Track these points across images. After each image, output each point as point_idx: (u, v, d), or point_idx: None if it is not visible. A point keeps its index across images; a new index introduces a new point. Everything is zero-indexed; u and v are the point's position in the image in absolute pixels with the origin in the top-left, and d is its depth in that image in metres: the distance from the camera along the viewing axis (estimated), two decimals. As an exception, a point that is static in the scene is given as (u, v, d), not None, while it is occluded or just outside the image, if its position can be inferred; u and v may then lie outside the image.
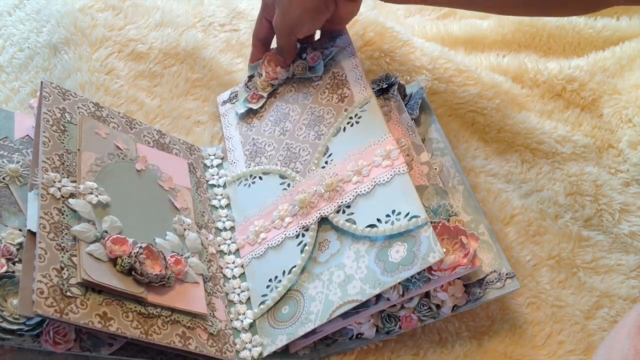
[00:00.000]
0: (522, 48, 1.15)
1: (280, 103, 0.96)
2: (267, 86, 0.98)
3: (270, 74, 0.98)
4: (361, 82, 0.90)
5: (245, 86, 1.00)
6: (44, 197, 0.72)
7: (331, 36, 0.98)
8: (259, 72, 0.99)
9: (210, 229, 0.86)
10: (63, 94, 0.83)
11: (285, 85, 0.98)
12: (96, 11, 1.09)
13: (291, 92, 0.96)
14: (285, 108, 0.95)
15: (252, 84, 0.99)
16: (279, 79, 0.98)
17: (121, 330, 0.68)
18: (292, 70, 0.97)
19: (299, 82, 0.97)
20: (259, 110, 0.98)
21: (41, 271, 0.66)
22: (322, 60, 0.95)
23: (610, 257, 0.89)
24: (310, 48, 0.97)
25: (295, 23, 0.90)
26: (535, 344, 0.82)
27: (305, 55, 0.97)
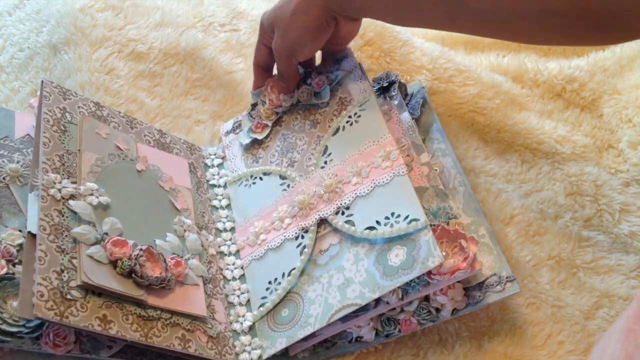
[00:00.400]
0: (522, 48, 1.15)
1: (286, 132, 0.93)
2: (272, 114, 0.94)
3: (274, 102, 0.94)
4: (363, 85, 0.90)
5: (248, 115, 0.97)
6: (44, 198, 0.72)
7: (336, 59, 0.94)
8: (262, 100, 0.95)
9: (210, 230, 0.86)
10: (63, 94, 0.83)
11: (290, 113, 0.94)
12: (96, 11, 1.09)
13: (297, 120, 0.93)
14: (292, 137, 0.92)
15: (255, 113, 0.96)
16: (283, 106, 0.94)
17: (121, 333, 0.68)
18: (297, 97, 0.93)
19: (304, 109, 0.93)
20: (264, 140, 0.94)
21: (41, 273, 0.66)
22: (327, 85, 0.92)
23: (610, 257, 0.89)
24: (315, 73, 0.94)
25: (295, 44, 0.86)
26: (535, 344, 0.82)
27: (310, 81, 0.94)
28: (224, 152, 0.96)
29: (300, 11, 0.83)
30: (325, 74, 0.93)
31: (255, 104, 0.96)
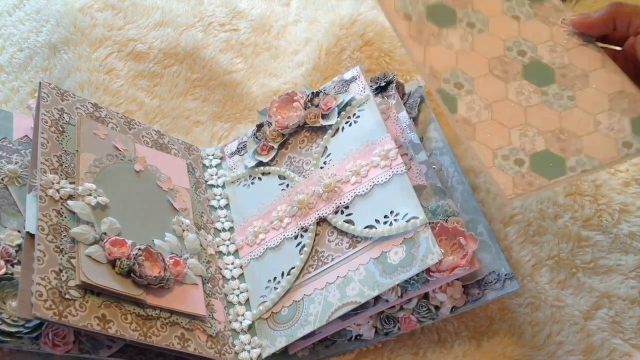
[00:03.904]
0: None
1: (292, 155, 0.91)
2: (278, 136, 0.92)
3: (280, 123, 0.91)
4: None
5: (254, 136, 0.94)
6: (42, 199, 0.72)
7: (345, 81, 0.92)
8: (269, 121, 0.92)
9: (209, 230, 0.86)
10: (61, 95, 0.83)
11: (297, 135, 0.92)
12: (96, 11, 1.09)
13: (304, 142, 0.91)
14: (299, 161, 0.91)
15: (261, 135, 0.93)
16: (290, 127, 0.91)
17: (120, 332, 0.68)
18: (304, 118, 0.91)
19: (311, 132, 0.91)
20: (269, 163, 0.92)
21: (40, 274, 0.66)
22: (336, 108, 0.90)
23: (610, 257, 0.89)
24: (324, 93, 0.92)
25: None
26: (535, 345, 0.82)
27: (318, 102, 0.91)
28: (223, 153, 0.96)
29: None
30: (334, 95, 0.91)
31: (261, 125, 0.94)
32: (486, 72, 0.74)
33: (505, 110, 0.72)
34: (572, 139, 0.71)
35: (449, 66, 0.74)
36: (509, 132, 0.71)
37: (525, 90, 0.74)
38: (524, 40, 0.77)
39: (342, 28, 1.07)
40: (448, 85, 0.72)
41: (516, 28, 0.78)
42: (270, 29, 1.18)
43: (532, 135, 0.71)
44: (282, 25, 1.20)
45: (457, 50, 0.75)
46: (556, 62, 0.76)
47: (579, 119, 0.72)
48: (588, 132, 0.71)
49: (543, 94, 0.74)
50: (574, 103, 0.73)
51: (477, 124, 0.71)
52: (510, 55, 0.76)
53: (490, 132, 0.70)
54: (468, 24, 0.77)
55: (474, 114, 0.71)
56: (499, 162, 0.69)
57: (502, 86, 0.74)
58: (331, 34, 1.07)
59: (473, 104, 0.72)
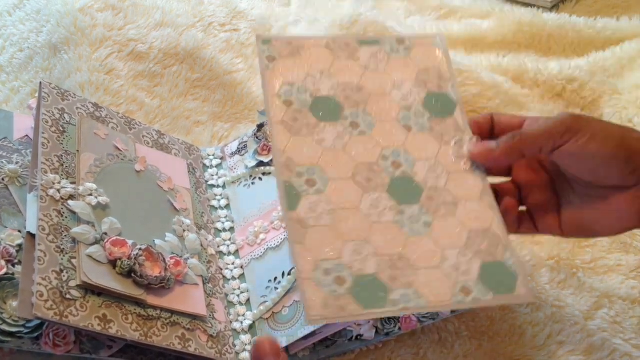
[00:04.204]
0: (522, 48, 1.15)
1: None
2: None
3: None
4: None
5: (254, 136, 0.94)
6: (43, 199, 0.72)
7: None
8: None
9: (209, 230, 0.86)
10: (62, 95, 0.83)
11: None
12: (96, 11, 1.09)
13: None
14: None
15: (261, 134, 0.93)
16: None
17: (121, 332, 0.67)
18: None
19: None
20: (269, 163, 0.92)
21: (41, 274, 0.66)
22: None
23: (610, 257, 0.89)
24: None
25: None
26: (535, 345, 0.82)
27: None
28: (223, 153, 0.96)
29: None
30: None
31: (261, 124, 0.94)
32: (347, 176, 0.68)
33: (350, 221, 0.65)
34: (408, 269, 0.63)
35: (309, 161, 0.68)
36: (342, 245, 0.64)
37: (382, 205, 0.67)
38: (404, 152, 0.70)
39: (342, 28, 1.07)
40: (299, 180, 0.66)
41: (402, 138, 0.71)
42: (270, 29, 1.18)
43: (365, 255, 0.63)
44: (282, 25, 1.20)
45: (326, 147, 0.69)
46: (429, 183, 0.69)
47: (425, 248, 0.65)
48: (428, 265, 0.64)
49: (399, 212, 0.67)
50: (428, 230, 0.66)
51: (312, 227, 0.64)
52: (382, 165, 0.69)
53: (322, 239, 0.64)
54: (352, 123, 0.71)
55: (314, 216, 0.65)
56: (318, 275, 0.62)
57: (358, 194, 0.67)
58: (331, 34, 1.07)
59: (317, 206, 0.65)
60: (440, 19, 1.24)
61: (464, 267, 0.64)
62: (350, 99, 0.73)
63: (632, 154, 0.65)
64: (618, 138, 0.65)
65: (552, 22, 1.16)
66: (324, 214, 0.65)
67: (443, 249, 0.65)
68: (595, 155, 0.65)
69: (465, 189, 0.69)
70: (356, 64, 0.75)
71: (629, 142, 0.65)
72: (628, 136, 0.66)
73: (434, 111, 0.73)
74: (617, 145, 0.65)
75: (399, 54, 0.76)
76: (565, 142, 0.66)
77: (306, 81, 0.73)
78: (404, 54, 0.76)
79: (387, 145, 0.70)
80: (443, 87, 0.75)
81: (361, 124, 0.71)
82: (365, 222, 0.65)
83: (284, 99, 0.71)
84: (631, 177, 0.65)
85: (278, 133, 0.69)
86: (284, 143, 0.68)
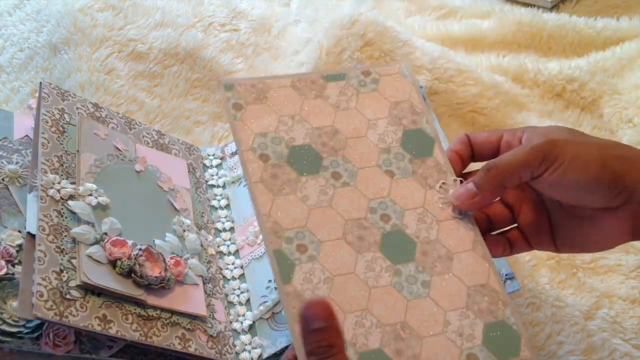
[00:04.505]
0: (522, 48, 1.15)
1: None
2: None
3: None
4: None
5: None
6: (43, 199, 0.72)
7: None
8: None
9: (209, 230, 0.86)
10: (62, 95, 0.83)
11: None
12: (96, 11, 1.09)
13: None
14: None
15: None
16: None
17: (121, 332, 0.68)
18: None
19: None
20: None
21: (41, 274, 0.66)
22: None
23: (610, 257, 0.89)
24: None
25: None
26: (535, 345, 0.82)
27: None
28: (223, 153, 0.96)
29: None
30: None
31: None
32: (339, 235, 0.65)
33: (347, 289, 0.62)
34: (413, 339, 0.61)
35: (297, 223, 0.65)
36: (344, 318, 0.61)
37: (377, 266, 0.64)
38: (391, 202, 0.68)
39: (342, 28, 1.07)
40: (289, 247, 0.63)
41: (387, 186, 0.69)
42: (270, 29, 1.18)
43: (369, 326, 0.61)
44: (282, 25, 1.20)
45: (312, 204, 0.66)
46: (421, 235, 0.67)
47: (427, 313, 0.62)
48: (433, 332, 0.61)
49: (396, 273, 0.64)
50: (427, 291, 0.64)
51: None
52: (371, 219, 0.66)
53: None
54: (333, 173, 0.69)
55: (310, 287, 0.62)
56: None
57: (353, 256, 0.64)
58: (331, 34, 1.07)
59: (312, 275, 0.62)
60: (440, 18, 1.24)
61: (468, 331, 0.62)
62: (327, 145, 0.70)
63: (616, 178, 0.62)
64: (599, 162, 0.63)
65: (552, 22, 1.16)
66: (320, 284, 0.62)
67: (445, 311, 0.63)
68: (576, 183, 0.63)
69: (457, 239, 0.67)
70: (326, 102, 0.73)
71: (611, 164, 0.63)
72: (609, 157, 0.63)
73: (414, 152, 0.72)
74: (598, 171, 0.62)
75: (367, 88, 0.74)
76: (543, 171, 0.64)
77: (279, 129, 0.70)
78: (372, 88, 0.74)
79: (373, 196, 0.68)
80: (418, 122, 0.73)
81: (343, 174, 0.69)
82: (364, 289, 0.63)
83: (259, 153, 0.69)
84: (617, 199, 0.63)
85: (260, 194, 0.66)
86: (267, 206, 0.65)
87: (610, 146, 0.65)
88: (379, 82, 0.75)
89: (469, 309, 0.63)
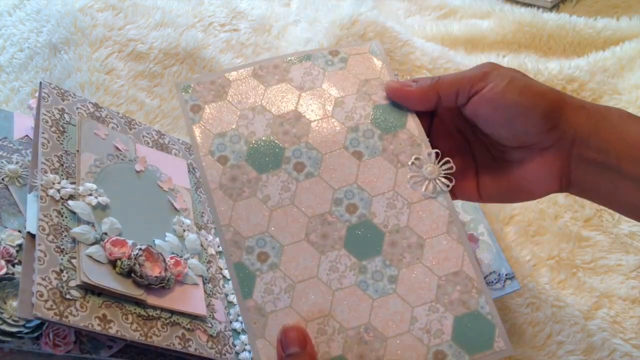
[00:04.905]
0: (522, 48, 1.15)
1: None
2: None
3: None
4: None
5: None
6: (43, 199, 0.72)
7: None
8: None
9: (209, 230, 0.86)
10: (62, 95, 0.83)
11: None
12: (96, 11, 1.09)
13: None
14: None
15: None
16: None
17: (121, 332, 0.67)
18: None
19: None
20: None
21: (41, 274, 0.66)
22: None
23: (610, 257, 0.89)
24: None
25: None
26: (535, 345, 0.82)
27: None
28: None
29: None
30: None
31: None
32: (301, 237, 0.62)
33: (310, 295, 0.60)
34: (377, 341, 0.58)
35: (258, 229, 0.62)
36: (305, 326, 0.59)
37: (342, 265, 0.61)
38: (358, 189, 0.63)
39: (342, 28, 1.07)
40: (250, 257, 0.61)
41: (354, 170, 0.64)
42: (270, 29, 1.18)
43: (331, 333, 0.58)
44: (282, 25, 1.20)
45: (273, 205, 0.63)
46: (390, 223, 0.62)
47: (393, 311, 0.59)
48: (398, 332, 0.59)
49: (361, 270, 0.61)
50: (394, 287, 0.60)
51: (271, 314, 0.59)
52: (337, 213, 0.62)
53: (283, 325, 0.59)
54: (296, 164, 0.64)
55: (271, 299, 0.59)
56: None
57: (316, 258, 0.61)
58: (331, 34, 1.07)
59: (273, 285, 0.60)
60: (440, 18, 1.24)
61: (436, 327, 0.59)
62: (290, 133, 0.66)
63: (552, 109, 0.61)
64: (538, 91, 0.61)
65: (552, 22, 1.16)
66: (281, 294, 0.60)
67: (412, 307, 0.60)
68: (512, 104, 0.61)
69: (430, 222, 0.63)
70: (289, 86, 0.68)
71: (550, 95, 0.61)
72: (549, 90, 0.62)
73: (384, 126, 0.66)
74: (536, 96, 0.61)
75: (334, 67, 0.69)
76: (482, 87, 0.62)
77: (238, 125, 0.66)
78: (340, 67, 0.69)
79: (339, 185, 0.64)
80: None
81: (307, 164, 0.64)
82: (327, 293, 0.60)
83: (217, 156, 0.65)
84: (550, 135, 0.61)
85: (219, 202, 0.63)
86: (227, 215, 0.62)
87: (557, 90, 0.63)
88: (347, 61, 0.70)
89: (439, 302, 0.60)
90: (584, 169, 0.62)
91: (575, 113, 0.61)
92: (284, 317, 0.59)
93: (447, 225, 0.63)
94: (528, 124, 0.61)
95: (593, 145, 0.61)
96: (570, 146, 0.61)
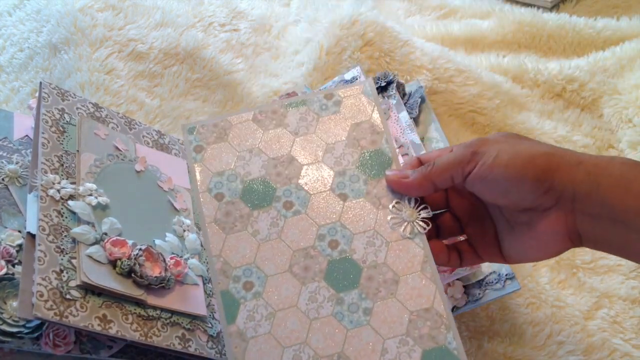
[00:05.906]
0: (522, 48, 1.15)
1: None
2: None
3: None
4: None
5: None
6: (43, 199, 0.72)
7: (344, 80, 0.90)
8: None
9: (210, 230, 0.86)
10: (62, 95, 0.83)
11: None
12: (96, 11, 1.09)
13: None
14: None
15: None
16: None
17: (121, 332, 0.67)
18: None
19: None
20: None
21: (41, 274, 0.66)
22: None
23: (610, 257, 0.89)
24: None
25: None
26: (535, 345, 0.82)
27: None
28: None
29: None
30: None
31: None
32: (285, 268, 0.65)
33: (288, 323, 0.63)
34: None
35: (246, 260, 0.65)
36: (282, 352, 0.62)
37: (320, 296, 0.64)
38: (341, 227, 0.67)
39: (342, 28, 1.07)
40: (236, 286, 0.64)
41: (339, 210, 0.67)
42: (270, 29, 1.18)
43: (305, 359, 0.62)
44: (282, 25, 1.20)
45: (262, 239, 0.66)
46: (368, 259, 0.65)
47: (365, 342, 0.62)
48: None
49: (338, 302, 0.64)
50: (368, 319, 0.63)
51: (252, 339, 0.62)
52: (319, 247, 0.66)
53: (263, 350, 0.62)
54: (285, 203, 0.68)
55: (252, 325, 0.63)
56: None
57: (297, 288, 0.64)
58: (331, 34, 1.07)
59: (255, 312, 0.63)
60: (440, 18, 1.24)
61: (405, 359, 0.61)
62: (282, 175, 0.69)
63: (541, 173, 0.61)
64: (525, 157, 0.62)
65: (552, 22, 1.16)
66: (262, 321, 0.63)
67: (384, 339, 0.62)
68: (503, 178, 0.62)
69: (406, 260, 0.65)
70: (285, 131, 0.72)
71: (537, 160, 0.62)
72: (536, 153, 0.62)
73: (370, 172, 0.69)
74: (523, 165, 0.61)
75: (328, 112, 0.73)
76: (472, 167, 0.63)
77: (236, 166, 0.70)
78: (333, 111, 0.72)
79: (324, 222, 0.67)
80: (377, 142, 0.71)
81: (295, 202, 0.68)
82: (304, 321, 0.63)
83: (214, 193, 0.69)
84: (547, 197, 0.62)
85: (212, 235, 0.66)
86: (218, 247, 0.66)
87: (541, 145, 0.64)
88: (341, 104, 0.73)
89: (409, 335, 0.62)
90: (591, 224, 0.62)
91: (571, 171, 0.61)
92: (263, 342, 0.62)
93: (421, 264, 0.65)
94: (521, 192, 0.62)
95: (596, 201, 0.60)
96: (572, 204, 0.62)
